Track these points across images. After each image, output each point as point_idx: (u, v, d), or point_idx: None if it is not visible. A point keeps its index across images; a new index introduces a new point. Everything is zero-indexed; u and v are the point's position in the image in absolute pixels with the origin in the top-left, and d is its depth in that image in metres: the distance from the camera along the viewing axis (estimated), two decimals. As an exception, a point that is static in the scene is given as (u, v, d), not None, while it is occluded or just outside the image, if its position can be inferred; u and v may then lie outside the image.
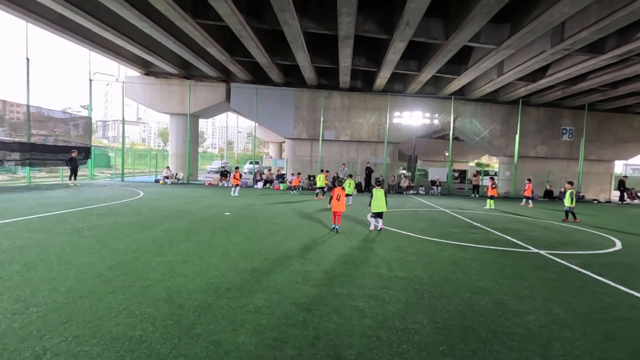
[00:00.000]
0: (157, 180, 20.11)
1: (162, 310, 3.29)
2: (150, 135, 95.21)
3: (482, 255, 5.92)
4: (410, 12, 10.82)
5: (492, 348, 2.87)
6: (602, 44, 13.22)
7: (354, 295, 3.86)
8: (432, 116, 20.75)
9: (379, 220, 7.98)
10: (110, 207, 9.52)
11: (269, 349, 2.71)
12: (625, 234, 8.94)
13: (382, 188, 8.09)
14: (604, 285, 4.61)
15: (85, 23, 14.03)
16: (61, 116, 18.84)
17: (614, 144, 22.89)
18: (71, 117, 20.06)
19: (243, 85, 21.54)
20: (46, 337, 2.73)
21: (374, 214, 7.89)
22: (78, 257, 4.82)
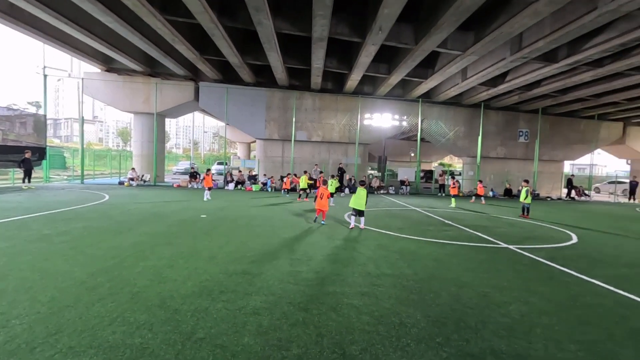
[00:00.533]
0: (122, 182, 19.13)
1: (157, 316, 3.20)
2: (109, 134, 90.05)
3: (459, 252, 6.25)
4: (384, 17, 11.15)
5: (483, 337, 3.08)
6: (555, 54, 14.34)
7: (347, 294, 3.97)
8: (400, 118, 21.41)
9: (360, 219, 8.21)
10: (76, 212, 8.97)
11: (275, 349, 2.74)
12: (579, 229, 9.77)
13: (365, 188, 8.35)
14: (569, 276, 5.06)
15: (41, 14, 13.08)
16: (6, 113, 17.38)
17: (563, 145, 24.84)
18: (20, 115, 18.55)
19: (212, 84, 21.04)
20: (37, 349, 2.58)
21: (354, 211, 8.18)
22: (53, 264, 4.54)
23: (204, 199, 13.02)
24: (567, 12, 10.92)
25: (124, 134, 70.35)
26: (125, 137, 69.92)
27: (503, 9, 11.37)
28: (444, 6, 11.05)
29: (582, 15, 10.44)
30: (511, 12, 10.95)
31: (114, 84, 20.62)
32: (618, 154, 28.73)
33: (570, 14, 10.88)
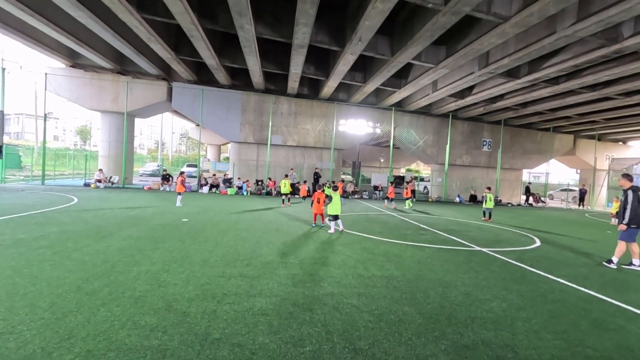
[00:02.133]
0: (87, 184, 18.20)
1: (167, 319, 3.26)
2: (65, 132, 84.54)
3: (438, 254, 6.69)
4: (364, 29, 11.59)
5: (473, 330, 3.43)
6: (517, 71, 15.53)
7: (345, 294, 4.20)
8: (374, 125, 22.09)
9: (339, 222, 8.60)
10: (46, 215, 8.53)
11: (290, 346, 2.91)
12: (540, 232, 10.66)
13: (338, 193, 8.80)
14: (537, 275, 5.60)
15: (3, 4, 12.30)
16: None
17: (522, 155, 26.71)
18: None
19: (186, 85, 20.63)
20: (54, 354, 2.59)
21: (332, 217, 8.48)
22: (40, 270, 4.40)
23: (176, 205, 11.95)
24: (529, 35, 11.94)
25: (83, 132, 66.48)
26: (85, 136, 66.10)
27: (473, 28, 12.22)
28: (420, 22, 11.70)
29: (542, 38, 11.47)
30: (481, 31, 11.79)
31: (79, 81, 19.65)
32: (569, 163, 31.30)
33: (532, 36, 11.90)
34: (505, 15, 10.20)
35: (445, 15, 10.16)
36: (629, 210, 6.22)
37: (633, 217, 6.21)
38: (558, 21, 10.73)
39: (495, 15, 10.21)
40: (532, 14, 9.62)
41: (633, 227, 6.25)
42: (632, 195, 6.22)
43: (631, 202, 6.19)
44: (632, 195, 6.22)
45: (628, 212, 6.23)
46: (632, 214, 6.19)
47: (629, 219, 6.22)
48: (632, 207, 6.19)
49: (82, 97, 19.88)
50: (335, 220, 8.53)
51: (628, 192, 6.30)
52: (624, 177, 6.58)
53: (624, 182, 6.53)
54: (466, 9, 9.70)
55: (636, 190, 6.27)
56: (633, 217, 6.21)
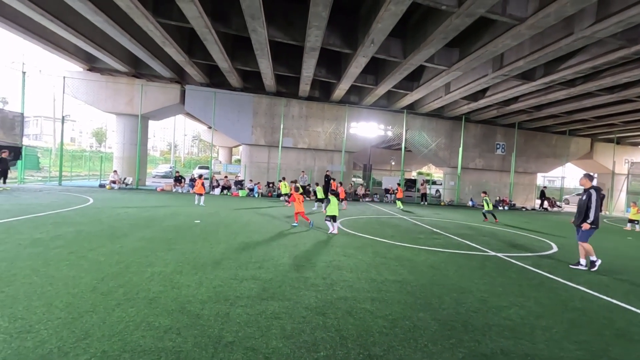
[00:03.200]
0: (103, 185, 18.55)
1: (181, 321, 3.26)
2: (82, 134, 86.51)
3: (452, 259, 6.57)
4: (377, 31, 11.55)
5: (491, 338, 3.33)
6: (532, 73, 15.25)
7: (358, 299, 4.14)
8: (385, 128, 21.97)
9: (335, 224, 8.72)
10: (63, 215, 8.70)
11: (304, 351, 2.88)
12: (556, 238, 10.39)
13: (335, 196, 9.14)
14: (556, 282, 5.45)
15: (25, 10, 12.65)
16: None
17: (536, 158, 26.20)
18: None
19: (199, 88, 20.88)
20: (71, 354, 2.60)
21: (330, 217, 8.69)
22: (57, 270, 4.47)
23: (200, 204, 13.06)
24: (545, 36, 11.72)
25: (99, 134, 67.90)
26: (100, 138, 67.50)
27: (487, 30, 12.06)
28: (433, 24, 11.60)
29: (559, 39, 11.23)
30: (495, 33, 11.62)
31: (96, 84, 20.09)
32: (586, 168, 30.48)
33: (548, 38, 11.67)
34: (521, 17, 10.03)
35: (459, 17, 10.06)
36: (594, 209, 6.19)
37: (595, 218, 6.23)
38: (576, 22, 10.50)
39: (511, 17, 10.05)
40: (548, 15, 9.43)
41: (593, 227, 6.27)
42: (596, 196, 6.20)
43: (595, 202, 6.18)
44: (596, 196, 6.20)
45: (593, 212, 6.19)
46: (598, 213, 6.20)
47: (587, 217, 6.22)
48: (596, 206, 6.19)
49: (98, 100, 20.30)
50: (332, 221, 8.66)
51: (592, 192, 6.26)
52: (585, 176, 6.58)
53: (585, 181, 6.52)
54: (480, 11, 9.58)
55: (598, 190, 6.29)
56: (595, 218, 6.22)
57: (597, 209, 6.20)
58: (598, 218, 6.25)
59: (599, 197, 6.20)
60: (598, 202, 6.19)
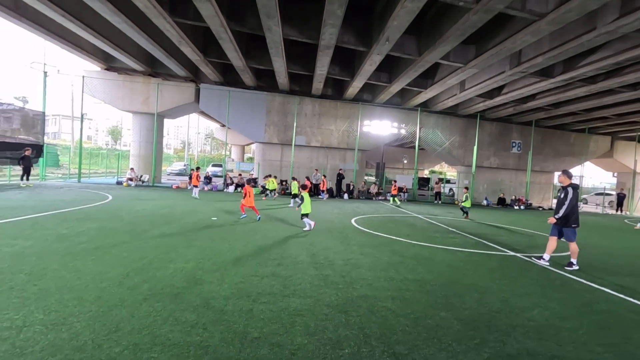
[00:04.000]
0: (120, 182, 18.94)
1: (206, 316, 3.32)
2: (98, 132, 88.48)
3: (470, 259, 6.51)
4: (392, 29, 11.47)
5: (516, 339, 3.30)
6: (551, 70, 14.91)
7: (379, 297, 4.14)
8: (399, 126, 21.81)
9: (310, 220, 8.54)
10: (85, 212, 8.93)
11: (329, 348, 2.90)
12: (578, 238, 10.12)
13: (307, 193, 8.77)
14: (579, 283, 5.34)
15: (46, 11, 12.98)
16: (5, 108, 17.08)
17: (554, 157, 25.64)
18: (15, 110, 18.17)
19: (213, 86, 21.09)
20: (105, 346, 2.68)
21: (305, 215, 8.45)
22: (84, 264, 4.60)
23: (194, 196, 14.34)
24: (565, 32, 11.43)
25: (115, 132, 69.33)
26: (116, 136, 68.91)
27: (505, 26, 11.83)
28: (449, 21, 11.44)
29: (580, 35, 10.95)
30: (513, 29, 11.40)
31: (113, 83, 20.49)
32: (606, 166, 29.78)
33: (569, 33, 11.39)
34: (541, 12, 9.80)
35: (477, 14, 9.90)
36: (567, 206, 6.17)
37: (573, 216, 6.21)
38: (599, 17, 10.22)
39: (531, 12, 9.83)
40: (570, 10, 9.20)
41: (573, 225, 6.26)
42: (573, 193, 6.19)
43: (570, 199, 6.16)
44: (573, 193, 6.19)
45: (564, 208, 6.18)
46: (569, 211, 6.17)
47: (566, 217, 6.19)
48: (570, 204, 6.16)
49: (115, 99, 20.71)
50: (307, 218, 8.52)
51: (568, 189, 6.24)
52: (564, 173, 6.54)
53: (564, 178, 6.48)
54: (499, 7, 9.40)
55: (576, 187, 6.30)
56: (572, 215, 6.21)
57: (574, 207, 6.19)
58: (577, 216, 6.28)
59: (575, 196, 6.21)
60: (574, 200, 6.18)
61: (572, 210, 6.20)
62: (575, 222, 6.26)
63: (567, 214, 6.18)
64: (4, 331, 2.79)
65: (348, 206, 15.51)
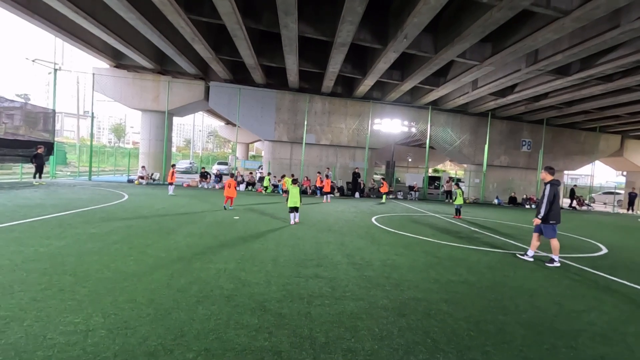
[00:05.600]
0: (131, 180, 18.87)
1: (267, 320, 3.24)
2: (101, 130, 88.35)
3: (505, 259, 6.42)
4: (412, 26, 11.35)
5: (585, 344, 3.21)
6: (568, 68, 14.77)
7: (430, 300, 4.06)
8: (409, 124, 21.68)
9: (296, 214, 8.89)
10: (107, 210, 8.86)
11: (402, 354, 2.82)
12: (601, 238, 10.07)
13: (297, 187, 8.97)
14: (624, 285, 5.25)
15: (60, 7, 12.84)
16: (15, 105, 16.97)
17: (564, 156, 25.50)
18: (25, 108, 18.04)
19: (223, 84, 20.97)
20: (176, 352, 2.60)
21: (291, 209, 8.77)
22: (125, 265, 4.52)
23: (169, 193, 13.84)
24: (587, 29, 11.29)
25: (118, 130, 69.23)
26: (119, 134, 68.82)
27: (525, 23, 11.68)
28: (469, 18, 11.30)
29: (603, 32, 10.81)
30: (534, 27, 11.25)
31: (123, 81, 20.38)
32: (615, 165, 29.63)
33: (590, 31, 11.25)
34: (566, 9, 9.67)
35: (501, 11, 9.77)
36: (545, 204, 6.12)
37: (551, 213, 6.12)
38: (623, 14, 10.08)
39: (555, 9, 9.69)
40: (597, 7, 9.07)
41: (552, 222, 6.16)
42: (549, 189, 6.12)
43: (547, 196, 6.10)
44: (549, 189, 6.12)
45: (543, 206, 6.14)
46: (548, 208, 6.10)
47: (546, 214, 6.12)
48: (547, 200, 6.10)
49: (125, 97, 20.61)
50: (293, 212, 8.80)
51: (546, 186, 6.20)
52: (545, 169, 6.42)
53: (545, 175, 6.37)
54: (525, 4, 9.28)
55: (555, 184, 6.19)
56: (551, 212, 6.12)
57: (552, 203, 6.12)
58: (559, 213, 6.18)
59: (553, 191, 6.12)
60: (550, 197, 6.10)
61: (551, 207, 6.12)
62: (555, 218, 6.16)
63: (547, 211, 6.12)
64: (70, 335, 2.72)
65: (362, 205, 15.42)
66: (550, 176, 6.30)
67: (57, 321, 2.93)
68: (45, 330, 2.76)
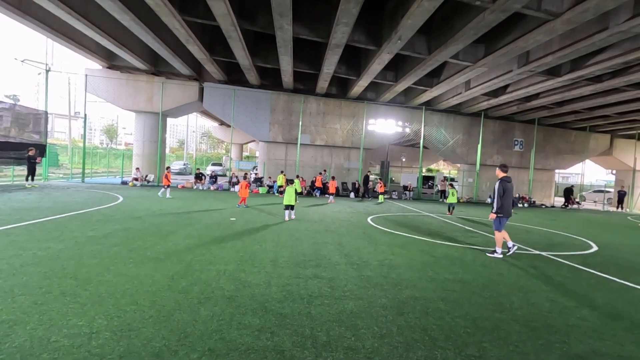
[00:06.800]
0: (125, 182, 18.74)
1: (269, 320, 3.29)
2: (92, 131, 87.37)
3: (499, 257, 6.53)
4: (406, 27, 11.47)
5: (578, 339, 3.32)
6: (558, 69, 15.02)
7: (428, 298, 4.14)
8: (403, 124, 21.85)
9: (292, 212, 9.73)
10: (103, 213, 8.82)
11: (402, 351, 2.89)
12: (591, 236, 10.28)
13: (293, 186, 9.82)
14: (614, 282, 5.40)
15: (52, 8, 12.73)
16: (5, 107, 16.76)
17: (555, 155, 25.88)
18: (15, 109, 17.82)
19: (218, 85, 20.93)
20: (181, 352, 2.64)
21: (286, 206, 9.62)
22: (125, 268, 4.54)
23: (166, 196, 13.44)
24: (576, 31, 11.50)
25: (110, 131, 68.55)
26: (111, 135, 68.14)
27: (517, 25, 11.87)
28: (462, 20, 11.46)
29: (592, 34, 11.02)
30: (526, 29, 11.44)
31: (116, 82, 20.23)
32: (605, 164, 30.13)
33: (579, 33, 11.46)
34: (556, 12, 9.84)
35: (494, 13, 9.92)
36: (495, 200, 6.50)
37: (500, 207, 6.46)
38: (611, 17, 10.30)
39: (546, 12, 9.86)
40: (587, 9, 9.25)
41: (500, 215, 6.51)
42: (499, 185, 6.48)
43: (497, 191, 6.47)
44: (499, 185, 6.48)
45: (495, 202, 6.51)
46: (500, 202, 6.46)
47: (497, 208, 6.48)
48: (498, 195, 6.47)
49: (119, 98, 20.46)
50: (289, 209, 9.63)
51: (497, 183, 6.57)
52: (499, 167, 6.79)
53: (498, 172, 6.75)
54: (517, 6, 9.43)
55: (505, 180, 6.52)
56: (500, 206, 6.46)
57: (505, 198, 6.46)
58: (507, 207, 6.51)
59: (502, 187, 6.45)
60: (500, 192, 6.43)
61: (502, 202, 6.45)
62: (503, 212, 6.46)
63: (500, 205, 6.45)
64: (74, 338, 2.74)
65: (358, 205, 15.52)
66: (502, 173, 6.65)
67: (60, 324, 2.95)
68: (50, 333, 2.79)
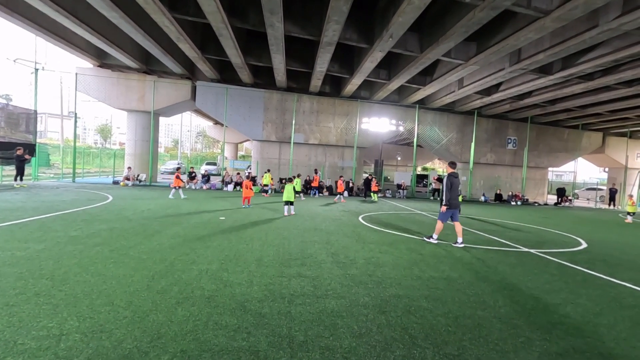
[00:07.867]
0: (117, 181, 18.57)
1: (246, 320, 3.23)
2: (86, 131, 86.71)
3: (487, 255, 6.53)
4: (397, 25, 11.43)
5: (559, 336, 3.28)
6: (550, 67, 15.07)
7: (412, 297, 4.10)
8: (397, 123, 21.84)
9: (291, 207, 10.49)
10: (89, 212, 8.70)
11: (379, 350, 2.84)
12: (581, 233, 10.31)
13: (291, 184, 10.67)
14: (600, 279, 5.39)
15: (40, 6, 12.56)
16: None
17: (548, 153, 26.02)
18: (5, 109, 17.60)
19: (210, 84, 20.80)
20: (152, 354, 2.58)
21: (286, 202, 10.39)
22: (105, 268, 4.45)
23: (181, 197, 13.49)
24: (567, 29, 11.53)
25: (104, 130, 67.98)
26: (105, 134, 67.60)
27: (508, 23, 11.88)
28: (453, 17, 11.45)
29: (582, 32, 11.06)
30: (516, 26, 11.45)
31: (107, 81, 20.04)
32: (597, 162, 30.33)
33: (570, 31, 11.49)
34: (546, 9, 9.87)
35: (484, 11, 9.92)
36: (445, 193, 7.05)
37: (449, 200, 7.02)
38: (601, 14, 10.33)
39: (536, 9, 9.88)
40: (576, 7, 9.27)
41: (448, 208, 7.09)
42: (447, 180, 7.03)
43: (446, 185, 7.04)
44: (447, 180, 7.03)
45: (444, 195, 7.07)
46: (449, 195, 7.00)
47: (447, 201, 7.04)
48: (446, 189, 7.02)
49: (110, 97, 20.27)
50: (288, 205, 10.37)
51: (445, 177, 7.10)
52: (448, 164, 7.39)
53: (447, 168, 7.35)
54: (507, 4, 9.43)
55: (452, 175, 7.06)
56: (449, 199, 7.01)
57: (450, 192, 7.00)
58: (454, 200, 7.06)
59: (450, 181, 6.98)
60: (448, 186, 6.99)
61: (450, 196, 7.00)
62: (449, 204, 7.02)
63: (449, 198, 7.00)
64: (42, 340, 2.67)
65: (350, 204, 15.48)
66: (451, 169, 7.23)
67: (29, 326, 2.87)
68: (17, 336, 2.71)
